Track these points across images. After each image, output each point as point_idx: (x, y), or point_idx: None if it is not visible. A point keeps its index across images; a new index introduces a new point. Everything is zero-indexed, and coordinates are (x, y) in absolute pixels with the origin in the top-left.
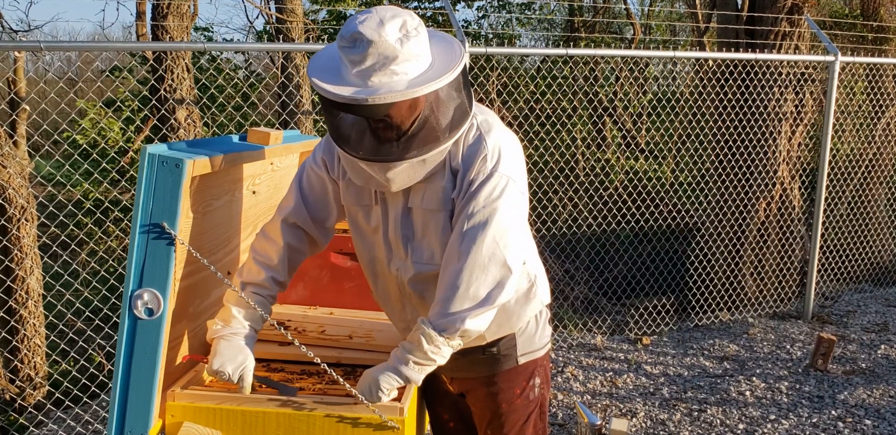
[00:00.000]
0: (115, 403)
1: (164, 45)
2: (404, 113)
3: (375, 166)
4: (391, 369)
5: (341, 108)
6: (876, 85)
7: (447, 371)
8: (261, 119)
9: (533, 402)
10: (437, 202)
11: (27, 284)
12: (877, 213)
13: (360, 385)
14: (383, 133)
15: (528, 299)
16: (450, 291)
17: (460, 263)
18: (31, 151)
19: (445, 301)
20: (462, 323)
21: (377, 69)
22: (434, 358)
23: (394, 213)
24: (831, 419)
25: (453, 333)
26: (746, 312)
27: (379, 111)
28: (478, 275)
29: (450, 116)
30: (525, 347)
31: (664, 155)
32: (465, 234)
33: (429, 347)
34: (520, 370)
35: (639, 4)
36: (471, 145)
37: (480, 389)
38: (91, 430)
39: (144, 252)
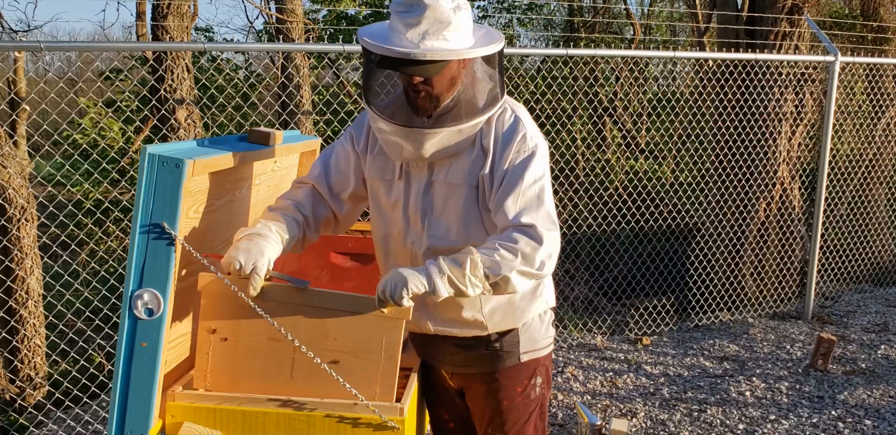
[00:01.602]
0: (115, 404)
1: (164, 45)
2: (446, 83)
3: (412, 135)
4: (423, 273)
5: (393, 66)
6: (876, 85)
7: (448, 366)
8: (261, 119)
9: (534, 401)
10: (462, 177)
11: (27, 284)
12: (877, 214)
13: (383, 281)
14: (422, 102)
15: (533, 297)
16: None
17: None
18: (31, 151)
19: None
20: (508, 272)
21: (431, 33)
22: (467, 286)
23: (416, 188)
24: (831, 419)
25: (496, 275)
26: (746, 312)
27: (430, 71)
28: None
29: (486, 93)
30: (528, 344)
31: (664, 155)
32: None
33: (470, 273)
34: (522, 368)
35: (639, 4)
36: (508, 126)
37: (481, 386)
38: (91, 430)
39: (144, 252)
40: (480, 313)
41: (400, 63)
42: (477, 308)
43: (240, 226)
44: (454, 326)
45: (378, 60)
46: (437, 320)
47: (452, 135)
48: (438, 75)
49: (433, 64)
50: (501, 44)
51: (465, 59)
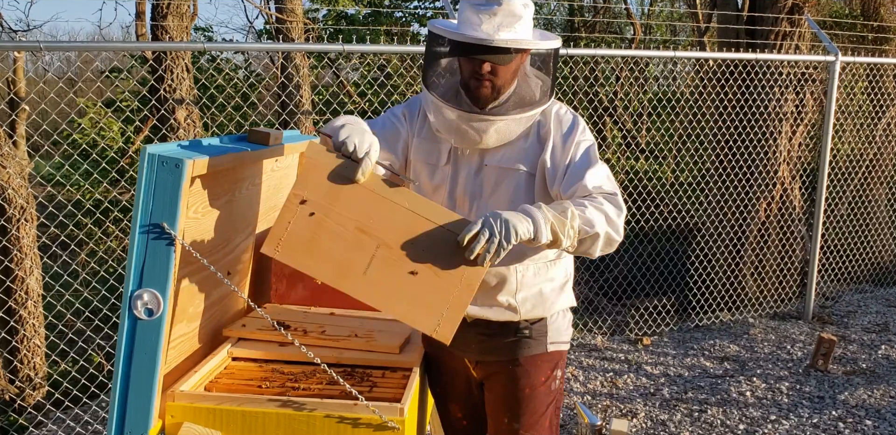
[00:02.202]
0: (115, 404)
1: (163, 45)
2: (510, 74)
3: (476, 122)
4: (532, 218)
5: (472, 53)
6: (876, 85)
7: (473, 354)
8: (260, 119)
9: (553, 393)
10: (515, 161)
11: (27, 284)
12: (877, 214)
13: (487, 219)
14: (484, 91)
15: (562, 291)
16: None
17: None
18: (30, 151)
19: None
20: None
21: (505, 25)
22: (565, 234)
23: (465, 172)
24: (832, 420)
25: (589, 231)
26: (747, 312)
27: (503, 59)
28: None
29: (541, 85)
30: (555, 335)
31: (664, 155)
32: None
33: (570, 223)
34: (547, 357)
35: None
36: (567, 118)
37: (504, 373)
38: (91, 430)
39: (144, 252)
40: (514, 299)
41: (479, 50)
42: (511, 294)
43: (240, 226)
44: (488, 311)
45: (456, 49)
46: (475, 303)
47: (513, 123)
48: (506, 65)
49: (508, 53)
50: (558, 42)
51: (526, 53)
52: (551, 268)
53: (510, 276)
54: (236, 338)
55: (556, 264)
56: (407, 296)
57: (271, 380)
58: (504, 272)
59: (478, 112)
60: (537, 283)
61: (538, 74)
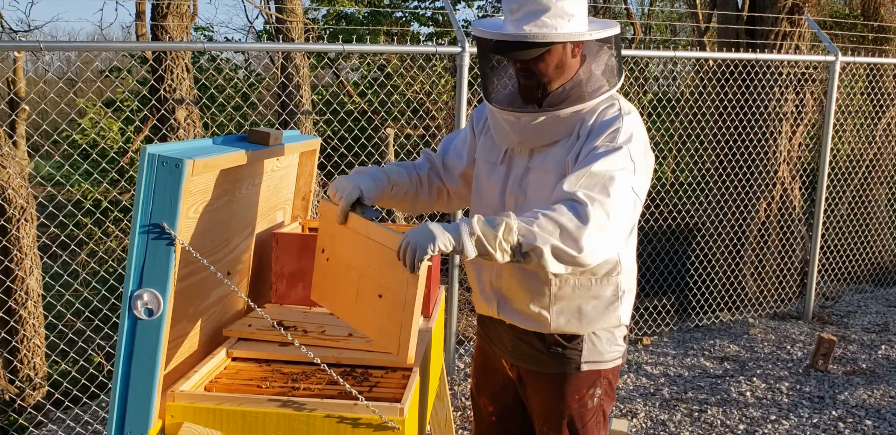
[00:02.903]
0: (115, 404)
1: (163, 45)
2: (552, 68)
3: (514, 119)
4: (454, 231)
5: (489, 50)
6: (876, 85)
7: (509, 357)
8: (260, 119)
9: (591, 410)
10: (555, 164)
11: (26, 284)
12: (877, 214)
13: (411, 232)
14: (528, 88)
15: (606, 310)
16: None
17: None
18: (30, 151)
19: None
20: (543, 244)
21: (531, 18)
22: (496, 249)
23: (515, 173)
24: (832, 420)
25: (530, 244)
26: (747, 312)
27: (526, 54)
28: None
29: (595, 80)
30: (591, 355)
31: (664, 155)
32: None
33: (502, 237)
34: (581, 377)
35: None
36: (607, 119)
37: (538, 386)
38: (91, 430)
39: (144, 252)
40: (547, 311)
41: (499, 47)
42: (545, 305)
43: (240, 226)
44: (519, 317)
45: (483, 46)
46: (504, 307)
47: (550, 122)
48: (541, 60)
49: (528, 48)
50: (604, 33)
51: (569, 46)
52: (598, 284)
53: (545, 287)
54: (236, 338)
55: (604, 281)
56: (378, 319)
57: (271, 380)
58: (539, 283)
59: (511, 109)
60: (577, 298)
61: (593, 68)
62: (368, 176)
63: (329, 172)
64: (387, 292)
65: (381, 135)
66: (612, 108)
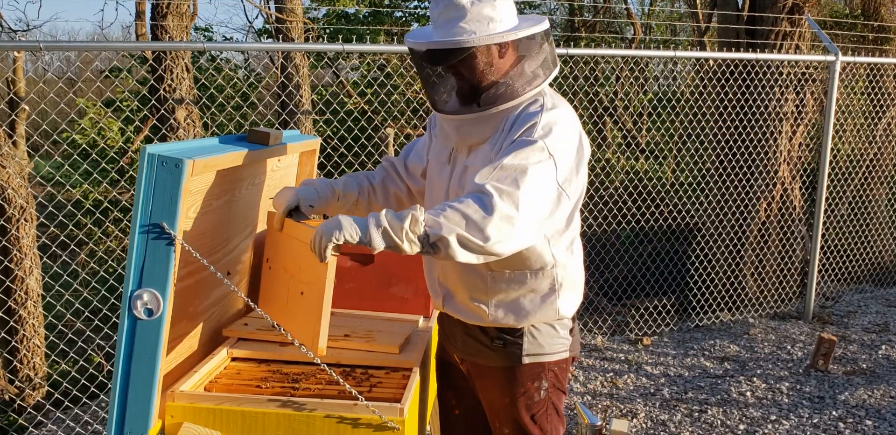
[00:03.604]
0: (115, 404)
1: (163, 44)
2: (471, 69)
3: (447, 120)
4: (361, 223)
5: (416, 58)
6: (876, 85)
7: (458, 351)
8: (260, 119)
9: (539, 404)
10: (482, 160)
11: (26, 284)
12: (877, 214)
13: (322, 224)
14: (459, 88)
15: (543, 303)
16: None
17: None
18: (30, 151)
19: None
20: (448, 234)
21: (449, 26)
22: (403, 240)
23: (456, 172)
24: (832, 420)
25: (435, 234)
26: (747, 312)
27: (439, 60)
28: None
29: (523, 78)
30: (532, 348)
31: (664, 155)
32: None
33: (409, 228)
34: (524, 369)
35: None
36: (526, 114)
37: (486, 379)
38: (90, 430)
39: (144, 252)
40: (485, 304)
41: (417, 55)
42: (483, 298)
43: (240, 226)
44: (460, 311)
45: (411, 55)
46: (449, 301)
47: (480, 119)
48: (464, 64)
49: (442, 54)
50: (522, 33)
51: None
52: (533, 278)
53: (482, 281)
54: (236, 338)
55: (539, 275)
56: (299, 315)
57: (271, 380)
58: (477, 277)
59: (443, 111)
60: (514, 291)
61: (521, 66)
62: (311, 187)
63: (329, 172)
64: (307, 288)
65: (381, 135)
66: (535, 103)
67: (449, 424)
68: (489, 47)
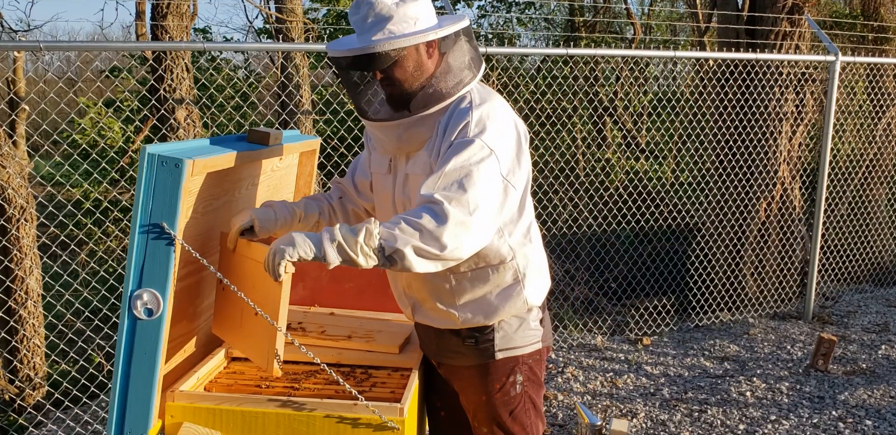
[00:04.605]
0: (115, 404)
1: (163, 44)
2: (405, 72)
3: (381, 128)
4: (314, 238)
5: (350, 67)
6: (876, 85)
7: (433, 356)
8: (260, 119)
9: (515, 398)
10: (422, 167)
11: (26, 284)
12: (877, 214)
13: (275, 242)
14: (390, 94)
15: (509, 296)
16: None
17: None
18: (30, 151)
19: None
20: (403, 246)
21: (376, 29)
22: (358, 254)
23: (398, 180)
24: (832, 420)
25: (391, 247)
26: (747, 312)
27: (374, 64)
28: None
29: (453, 77)
30: (504, 343)
31: (664, 155)
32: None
33: (364, 242)
34: (498, 365)
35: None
36: (457, 114)
37: (462, 380)
38: (90, 430)
39: (144, 252)
40: (454, 307)
41: (350, 62)
42: (450, 302)
43: None
44: (431, 318)
45: (338, 64)
46: (418, 311)
47: (416, 123)
48: (397, 67)
49: (378, 58)
50: (451, 29)
51: (422, 48)
52: (495, 273)
53: (446, 284)
54: None
55: (501, 269)
56: (253, 336)
57: (271, 380)
58: (440, 282)
59: (373, 119)
60: (479, 289)
61: (451, 65)
62: (270, 209)
63: (329, 172)
64: (262, 308)
65: None
66: (463, 101)
67: (437, 425)
68: (418, 48)
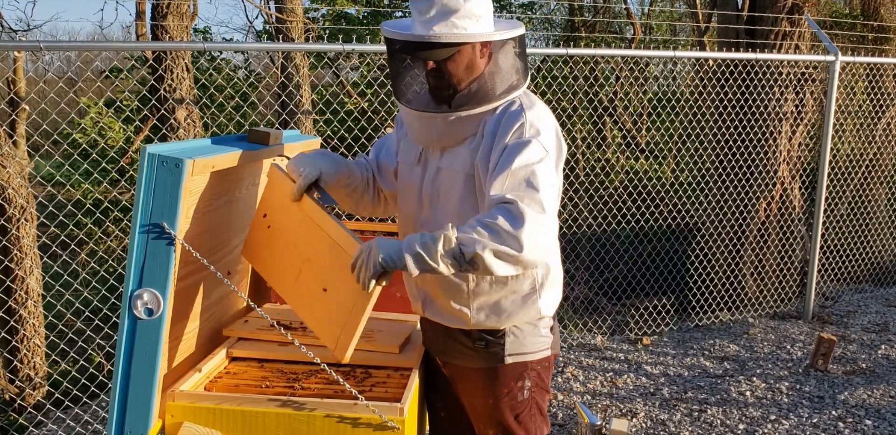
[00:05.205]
0: (115, 404)
1: (163, 44)
2: (461, 69)
3: (425, 120)
4: (395, 250)
5: (404, 51)
6: (876, 85)
7: (440, 355)
8: (260, 119)
9: (522, 404)
10: (461, 164)
11: (27, 284)
12: (877, 213)
13: (369, 248)
14: (439, 89)
15: (525, 303)
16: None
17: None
18: (30, 151)
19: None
20: (482, 250)
21: (439, 19)
22: (438, 263)
23: (429, 173)
24: (832, 419)
25: (470, 252)
26: (747, 312)
27: (437, 54)
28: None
29: (502, 82)
30: (514, 347)
31: (664, 155)
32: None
33: (443, 250)
34: (507, 370)
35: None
36: (510, 115)
37: (468, 381)
38: (91, 430)
39: (144, 252)
40: (467, 307)
41: (409, 47)
42: (464, 302)
43: (240, 226)
44: (441, 315)
45: (393, 47)
46: (429, 306)
47: (463, 120)
48: (451, 61)
49: (440, 48)
50: (513, 33)
51: (478, 46)
52: (514, 280)
53: (463, 284)
54: (236, 338)
55: (520, 276)
56: (318, 309)
57: (271, 380)
58: (457, 281)
59: (423, 111)
60: (495, 293)
61: (502, 68)
62: (331, 160)
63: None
64: (332, 290)
65: (381, 135)
66: (513, 105)
67: (437, 425)
68: (475, 45)
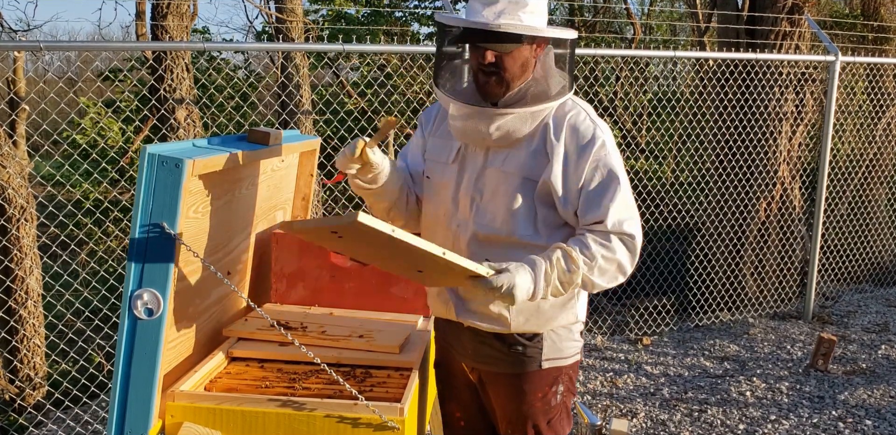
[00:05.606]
0: (115, 404)
1: (163, 44)
2: (517, 66)
3: (481, 116)
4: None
5: (469, 39)
6: (876, 85)
7: (469, 360)
8: (260, 119)
9: (554, 408)
10: (517, 166)
11: (26, 284)
12: (877, 213)
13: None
14: (492, 86)
15: (563, 307)
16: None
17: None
18: (30, 151)
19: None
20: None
21: (507, 12)
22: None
23: (470, 172)
24: (832, 419)
25: (590, 279)
26: (747, 312)
27: (504, 46)
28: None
29: (555, 82)
30: (551, 352)
31: (664, 155)
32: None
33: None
34: (543, 374)
35: (639, 4)
36: (582, 126)
37: (501, 387)
38: (91, 430)
39: (144, 252)
40: (507, 310)
41: (476, 36)
42: (504, 305)
43: (240, 226)
44: (478, 318)
45: (455, 35)
46: (462, 309)
47: (520, 119)
48: (510, 56)
49: (507, 40)
50: (574, 34)
51: (538, 43)
52: None
53: None
54: (236, 338)
55: None
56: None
57: (271, 380)
58: None
59: (477, 105)
60: None
61: (553, 70)
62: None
63: (329, 172)
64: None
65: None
66: (574, 110)
67: (453, 433)
68: (532, 44)
